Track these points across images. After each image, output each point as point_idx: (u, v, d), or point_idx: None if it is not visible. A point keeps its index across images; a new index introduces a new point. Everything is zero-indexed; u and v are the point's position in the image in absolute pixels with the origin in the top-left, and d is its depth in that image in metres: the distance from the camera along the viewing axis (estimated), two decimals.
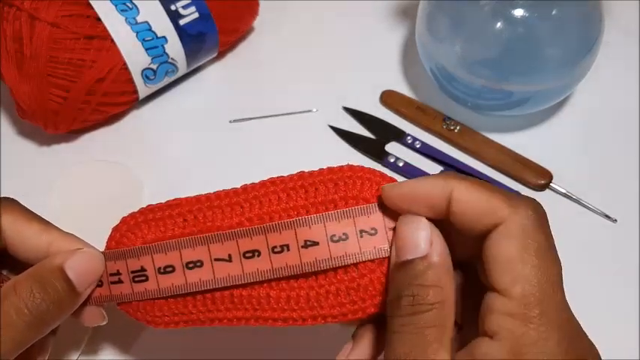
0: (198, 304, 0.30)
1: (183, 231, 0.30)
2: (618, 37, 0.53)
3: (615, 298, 0.41)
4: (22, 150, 0.48)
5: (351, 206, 0.29)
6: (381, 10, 0.56)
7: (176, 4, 0.46)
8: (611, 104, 0.50)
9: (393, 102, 0.50)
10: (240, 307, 0.30)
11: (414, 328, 0.24)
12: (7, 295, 0.27)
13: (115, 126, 0.50)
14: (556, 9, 0.41)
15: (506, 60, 0.42)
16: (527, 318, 0.23)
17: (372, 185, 0.29)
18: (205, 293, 0.30)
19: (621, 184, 0.46)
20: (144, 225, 0.31)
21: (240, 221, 0.30)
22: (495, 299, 0.24)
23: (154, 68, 0.46)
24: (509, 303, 0.24)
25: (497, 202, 0.25)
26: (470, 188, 0.26)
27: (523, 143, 0.48)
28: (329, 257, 0.28)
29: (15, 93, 0.44)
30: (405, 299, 0.25)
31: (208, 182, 0.46)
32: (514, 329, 0.23)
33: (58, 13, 0.42)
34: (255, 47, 0.55)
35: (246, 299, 0.30)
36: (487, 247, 0.25)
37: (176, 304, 0.31)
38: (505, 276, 0.24)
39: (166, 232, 0.31)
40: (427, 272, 0.25)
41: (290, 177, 0.30)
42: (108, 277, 0.31)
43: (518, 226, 0.25)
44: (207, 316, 0.30)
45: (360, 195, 0.29)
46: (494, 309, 0.24)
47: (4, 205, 0.31)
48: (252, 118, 0.50)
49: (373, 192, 0.29)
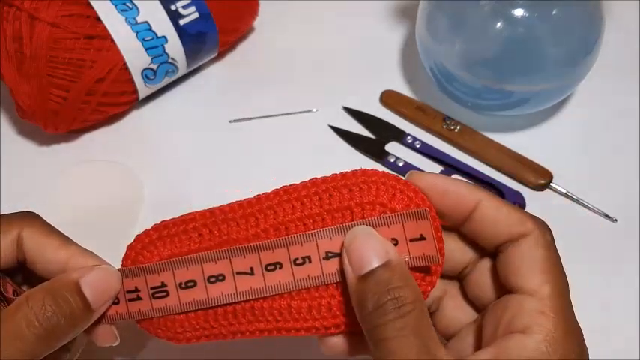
0: (220, 318, 0.30)
1: (200, 246, 0.30)
2: (618, 37, 0.53)
3: (615, 298, 0.41)
4: (22, 150, 0.48)
5: (368, 212, 0.28)
6: (381, 10, 0.56)
7: (176, 4, 0.46)
8: (611, 104, 0.50)
9: (393, 102, 0.50)
10: (261, 319, 0.30)
11: (411, 329, 0.25)
12: (20, 306, 0.27)
13: (115, 126, 0.50)
14: (556, 9, 0.41)
15: (506, 60, 0.42)
16: (557, 314, 0.26)
17: (387, 190, 0.28)
18: (226, 307, 0.30)
19: (621, 184, 0.46)
20: (159, 242, 0.31)
21: (256, 233, 0.30)
22: (524, 300, 0.27)
23: (154, 68, 0.47)
24: (539, 302, 0.26)
25: (523, 216, 0.28)
26: (497, 201, 0.29)
27: (523, 143, 0.48)
28: None
29: (15, 93, 0.44)
30: (389, 304, 0.25)
31: (208, 182, 0.47)
32: (546, 324, 0.26)
33: (58, 13, 0.42)
34: (256, 47, 0.55)
35: (268, 311, 0.29)
36: (515, 253, 0.28)
37: (197, 319, 0.30)
38: (535, 278, 0.27)
39: (182, 247, 0.31)
40: (396, 274, 0.26)
41: (303, 185, 0.30)
42: (125, 294, 0.30)
43: (545, 239, 0.28)
44: (228, 329, 0.30)
45: (376, 200, 0.28)
46: (525, 307, 0.26)
47: (25, 219, 0.31)
48: (252, 118, 0.50)
49: (389, 197, 0.28)
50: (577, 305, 0.42)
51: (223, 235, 0.30)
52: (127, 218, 0.44)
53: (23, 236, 0.31)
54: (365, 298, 0.26)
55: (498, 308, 0.28)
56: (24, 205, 0.45)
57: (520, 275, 0.27)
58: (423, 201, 0.28)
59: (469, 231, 0.29)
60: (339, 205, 0.29)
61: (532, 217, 0.28)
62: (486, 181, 0.46)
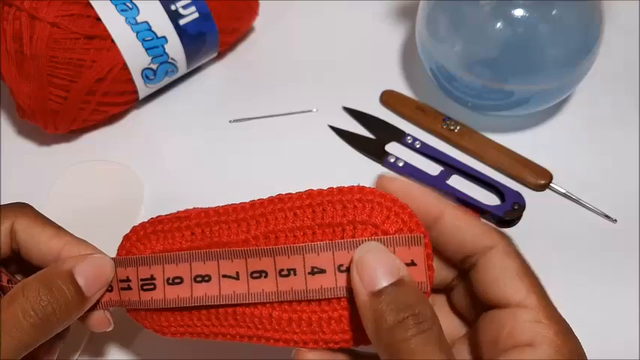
0: (203, 318, 0.30)
1: (191, 245, 0.31)
2: (618, 37, 0.53)
3: (615, 298, 0.41)
4: (22, 150, 0.48)
5: (359, 232, 0.28)
6: (381, 10, 0.56)
7: (176, 4, 0.46)
8: (610, 104, 0.50)
9: (393, 102, 0.50)
10: (242, 325, 0.30)
11: (435, 344, 0.25)
12: (16, 296, 0.28)
13: (115, 126, 0.50)
14: (556, 9, 0.41)
15: (506, 60, 0.42)
16: (552, 320, 0.26)
17: (382, 210, 0.28)
18: (210, 308, 0.30)
19: (621, 184, 0.46)
20: (153, 236, 0.31)
21: (245, 238, 0.30)
22: (517, 312, 0.27)
23: (153, 68, 0.47)
24: (533, 312, 0.26)
25: (488, 228, 0.28)
26: (462, 212, 0.28)
27: (523, 143, 0.48)
28: (334, 287, 0.27)
29: (15, 93, 0.44)
30: (409, 320, 0.25)
31: (208, 182, 0.47)
32: (547, 333, 0.26)
33: (58, 12, 0.42)
34: (256, 47, 0.55)
35: (249, 317, 0.29)
36: (488, 266, 0.28)
37: (182, 315, 0.31)
38: (519, 289, 0.27)
39: (174, 244, 0.31)
40: (412, 291, 0.26)
41: (298, 195, 0.30)
42: (118, 282, 0.31)
43: (512, 248, 0.28)
44: (211, 330, 0.30)
45: (369, 220, 0.28)
46: (520, 320, 0.26)
47: (18, 210, 0.32)
48: (252, 118, 0.50)
49: (383, 218, 0.28)
50: (577, 305, 0.42)
51: (215, 237, 0.30)
52: (127, 218, 0.44)
53: (16, 227, 0.31)
54: (382, 314, 0.25)
55: (491, 323, 0.28)
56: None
57: (501, 287, 0.27)
58: (418, 226, 0.28)
59: (435, 243, 0.29)
60: (331, 220, 0.28)
61: (495, 229, 0.28)
62: (486, 181, 0.46)
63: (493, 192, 0.46)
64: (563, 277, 0.42)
